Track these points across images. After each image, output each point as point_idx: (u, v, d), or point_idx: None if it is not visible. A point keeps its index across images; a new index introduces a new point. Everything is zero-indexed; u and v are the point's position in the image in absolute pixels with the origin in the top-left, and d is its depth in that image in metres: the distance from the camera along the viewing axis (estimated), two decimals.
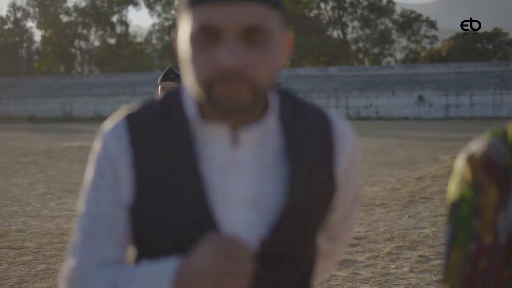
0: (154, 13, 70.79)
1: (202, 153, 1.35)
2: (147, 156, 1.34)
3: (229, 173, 1.35)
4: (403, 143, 24.60)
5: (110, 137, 1.37)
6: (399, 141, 25.89)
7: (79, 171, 16.39)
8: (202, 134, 1.35)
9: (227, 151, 1.35)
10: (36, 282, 6.44)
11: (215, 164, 1.35)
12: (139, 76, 61.33)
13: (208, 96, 1.26)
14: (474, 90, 48.94)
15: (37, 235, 8.74)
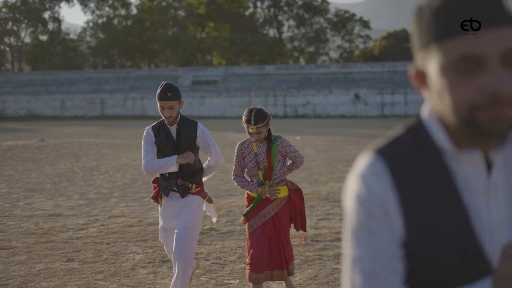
0: (87, 10, 69.63)
1: (461, 181, 1.38)
2: (410, 191, 1.37)
3: (489, 198, 1.38)
4: (349, 140, 25.10)
5: (372, 179, 1.37)
6: (344, 138, 26.41)
7: (36, 171, 16.14)
8: (457, 163, 1.38)
9: (483, 176, 1.38)
10: (41, 281, 6.41)
11: (475, 191, 1.38)
12: (74, 74, 60.32)
13: (471, 121, 1.27)
14: (408, 89, 50.24)
15: (20, 235, 8.63)
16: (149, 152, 5.59)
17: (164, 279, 6.46)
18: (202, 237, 8.33)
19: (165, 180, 5.64)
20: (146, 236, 8.44)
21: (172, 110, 5.48)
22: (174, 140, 5.58)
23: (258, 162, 5.65)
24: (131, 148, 22.82)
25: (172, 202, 5.64)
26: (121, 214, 10.08)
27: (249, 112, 5.59)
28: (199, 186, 5.66)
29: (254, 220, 5.65)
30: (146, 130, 5.66)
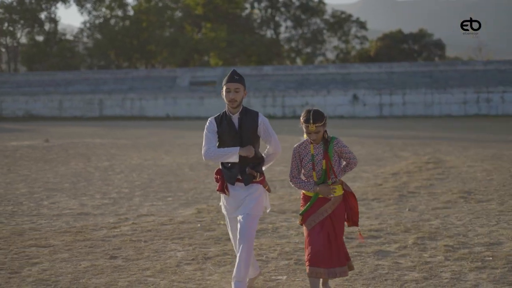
0: (84, 10, 69.56)
1: None
2: None
3: None
4: (354, 141, 25.25)
5: None
6: (348, 138, 26.55)
7: (51, 171, 16.21)
8: None
9: None
10: (91, 278, 6.51)
11: None
12: (71, 74, 60.25)
13: None
14: (406, 90, 50.45)
15: (55, 233, 8.72)
16: (211, 140, 5.83)
17: (212, 275, 6.58)
18: None
19: (228, 170, 5.85)
20: (182, 234, 8.55)
21: (237, 94, 5.73)
22: (236, 129, 5.80)
23: (314, 164, 5.79)
24: (138, 148, 22.89)
25: (235, 192, 5.85)
26: (150, 213, 10.18)
27: (307, 112, 5.73)
28: (262, 175, 5.85)
29: (313, 218, 5.78)
30: (209, 121, 5.91)
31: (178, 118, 51.15)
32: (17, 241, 8.24)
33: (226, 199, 5.95)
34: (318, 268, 5.70)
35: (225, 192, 5.89)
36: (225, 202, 5.99)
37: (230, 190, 5.88)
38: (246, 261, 5.69)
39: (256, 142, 5.88)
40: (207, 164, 17.53)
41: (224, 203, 6.02)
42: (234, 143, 5.79)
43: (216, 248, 7.73)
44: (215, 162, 5.96)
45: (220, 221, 9.32)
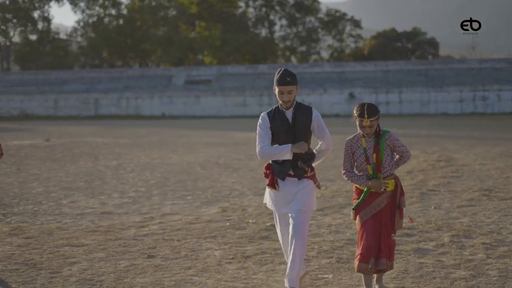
0: (77, 9, 69.19)
1: None
2: None
3: None
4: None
5: None
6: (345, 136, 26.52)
7: (61, 170, 16.09)
8: None
9: None
10: (135, 277, 6.44)
11: None
12: (66, 73, 59.94)
13: None
14: (402, 88, 50.53)
15: (83, 232, 8.63)
16: (264, 138, 5.77)
17: (257, 274, 6.52)
18: (269, 233, 8.39)
19: (279, 165, 5.80)
20: (213, 233, 8.48)
21: (290, 95, 5.71)
22: (289, 124, 5.76)
23: (368, 157, 5.74)
24: (142, 147, 22.78)
25: (285, 187, 5.79)
26: (174, 212, 10.10)
27: (361, 106, 5.69)
28: (312, 170, 5.80)
29: (365, 212, 5.74)
30: (262, 117, 5.86)
31: (174, 117, 50.99)
32: (48, 241, 8.15)
33: (276, 194, 5.89)
34: (368, 264, 5.65)
35: (275, 187, 5.83)
36: (274, 197, 5.91)
37: (280, 185, 5.83)
38: (299, 258, 5.66)
39: (308, 138, 5.85)
40: (218, 162, 17.47)
41: (272, 199, 5.95)
42: (287, 138, 5.74)
43: (252, 247, 7.67)
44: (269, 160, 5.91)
45: (249, 220, 9.26)
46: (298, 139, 5.74)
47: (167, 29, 67.58)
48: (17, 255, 7.44)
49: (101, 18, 69.43)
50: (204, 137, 28.14)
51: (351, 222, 8.99)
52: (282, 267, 6.71)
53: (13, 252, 7.56)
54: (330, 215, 9.58)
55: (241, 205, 10.57)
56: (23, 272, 6.68)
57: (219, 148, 21.87)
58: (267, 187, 5.94)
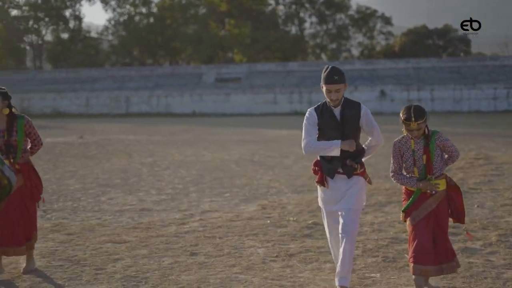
0: (108, 7, 69.65)
1: None
2: None
3: None
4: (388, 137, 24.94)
5: None
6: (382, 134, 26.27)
7: (96, 167, 16.15)
8: None
9: None
10: (180, 274, 6.39)
11: None
12: (97, 71, 60.33)
13: None
14: (434, 85, 50.03)
15: (124, 229, 8.62)
16: (311, 132, 5.65)
17: (302, 272, 6.43)
18: (311, 231, 8.30)
19: (328, 162, 5.69)
20: (254, 230, 8.41)
21: (338, 93, 5.58)
22: (338, 121, 5.63)
23: (415, 159, 5.62)
24: (175, 144, 22.79)
25: (335, 185, 5.68)
26: (213, 209, 10.05)
27: (408, 109, 5.56)
28: (362, 167, 5.68)
29: (416, 213, 5.62)
30: (309, 112, 5.73)
31: (204, 115, 51.04)
32: (90, 237, 8.14)
33: (325, 191, 5.78)
34: (424, 266, 5.54)
35: (324, 185, 5.73)
36: (323, 194, 5.81)
37: (329, 182, 5.72)
38: (349, 256, 5.57)
39: (357, 134, 5.72)
40: (252, 160, 17.40)
41: (321, 196, 5.86)
42: (335, 134, 5.62)
43: (295, 245, 7.58)
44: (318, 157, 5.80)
45: (289, 218, 9.17)
46: (347, 136, 5.61)
47: (197, 27, 67.70)
48: (60, 251, 7.44)
49: (131, 17, 69.78)
50: (235, 134, 28.09)
51: (393, 221, 8.86)
52: (328, 265, 6.62)
53: (56, 248, 7.57)
54: (371, 213, 9.45)
55: (280, 203, 10.48)
56: (68, 269, 6.67)
57: (251, 146, 21.80)
58: (316, 184, 5.83)
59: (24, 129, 6.58)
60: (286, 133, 28.23)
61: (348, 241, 5.54)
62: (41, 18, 70.29)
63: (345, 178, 5.67)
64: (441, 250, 5.59)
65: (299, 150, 19.71)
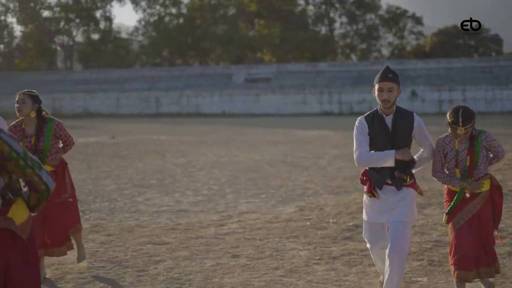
0: (138, 8, 70.01)
1: None
2: None
3: None
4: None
5: None
6: None
7: (129, 167, 16.19)
8: None
9: None
10: (223, 277, 6.33)
11: None
12: (127, 72, 60.69)
13: None
14: (466, 86, 49.48)
15: (163, 230, 8.59)
16: (362, 143, 5.40)
17: (347, 276, 6.33)
18: (351, 234, 8.19)
19: (377, 173, 5.43)
20: (294, 232, 8.33)
21: (390, 93, 5.29)
22: (389, 131, 5.36)
23: (458, 161, 5.47)
24: (206, 145, 22.77)
25: (384, 196, 5.42)
26: (250, 211, 9.99)
27: (455, 112, 5.37)
28: (412, 178, 5.49)
29: (460, 216, 5.47)
30: (359, 121, 5.47)
31: (234, 115, 51.03)
32: (129, 238, 8.13)
33: (371, 202, 5.49)
34: (466, 272, 5.39)
35: (374, 195, 5.47)
36: (371, 205, 5.51)
37: (379, 193, 5.43)
38: (399, 272, 5.24)
39: (409, 144, 5.43)
40: (285, 160, 17.31)
41: (368, 206, 5.55)
42: (386, 145, 5.35)
43: (337, 247, 7.48)
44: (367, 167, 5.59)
45: (329, 219, 9.07)
46: (398, 147, 5.34)
47: (227, 28, 67.79)
48: (101, 252, 7.43)
49: (161, 17, 70.07)
50: (266, 135, 28.02)
51: (435, 223, 8.73)
52: (373, 269, 6.51)
53: (97, 249, 7.56)
54: None
55: (318, 204, 10.38)
56: (110, 270, 6.65)
57: (283, 146, 21.70)
58: (365, 194, 5.62)
59: (53, 132, 6.57)
60: (317, 134, 28.08)
61: (397, 257, 5.22)
62: (72, 19, 70.88)
63: (395, 190, 5.41)
64: (483, 254, 5.45)
65: (332, 151, 19.61)
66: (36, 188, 3.38)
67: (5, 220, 3.33)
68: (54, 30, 71.91)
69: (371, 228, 5.62)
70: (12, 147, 3.32)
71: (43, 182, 3.36)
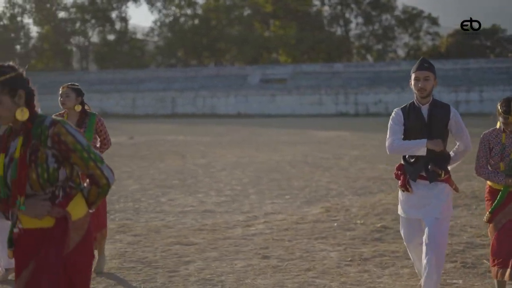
0: (154, 9, 70.14)
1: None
2: None
3: None
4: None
5: None
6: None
7: (151, 167, 16.19)
8: None
9: None
10: (255, 278, 6.28)
11: None
12: (142, 73, 60.85)
13: None
14: (483, 86, 49.19)
15: (190, 231, 8.55)
16: (396, 131, 5.39)
17: (381, 278, 6.26)
18: (381, 235, 8.12)
19: (411, 165, 5.41)
20: (322, 233, 8.26)
21: (426, 82, 5.29)
22: (425, 121, 5.34)
23: (504, 155, 5.38)
24: (225, 145, 22.75)
25: (418, 190, 5.39)
26: (276, 212, 9.93)
27: (506, 102, 5.30)
28: (447, 173, 5.42)
29: (502, 215, 5.36)
30: (395, 112, 5.48)
31: (249, 116, 50.97)
32: (157, 238, 8.10)
33: (406, 197, 5.47)
34: (506, 269, 5.30)
35: (408, 189, 5.47)
36: (405, 200, 5.49)
37: (414, 188, 5.43)
38: (437, 270, 5.19)
39: (445, 137, 5.40)
40: (306, 161, 17.24)
41: (402, 201, 5.53)
42: (421, 137, 5.31)
43: (367, 248, 7.41)
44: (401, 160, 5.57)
45: (356, 221, 9.00)
46: (434, 138, 5.33)
47: (242, 28, 67.77)
48: (130, 252, 7.40)
49: (177, 18, 70.14)
50: (284, 135, 27.96)
51: (464, 225, 8.65)
52: (406, 271, 6.44)
53: (126, 250, 7.53)
54: None
55: (344, 205, 10.31)
56: (141, 271, 6.61)
57: (302, 147, 21.63)
58: (399, 188, 5.59)
59: (95, 127, 6.59)
60: (334, 135, 27.99)
61: (435, 254, 5.17)
62: (87, 20, 71.16)
63: (429, 185, 5.37)
64: None
65: (351, 152, 19.52)
66: (97, 181, 3.39)
67: (64, 214, 3.34)
68: (70, 31, 72.20)
69: (407, 223, 5.61)
70: (77, 139, 3.33)
71: (104, 176, 3.39)
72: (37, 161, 3.29)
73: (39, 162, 3.29)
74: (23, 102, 3.36)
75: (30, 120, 3.36)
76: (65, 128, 3.32)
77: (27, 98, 3.39)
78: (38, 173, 3.29)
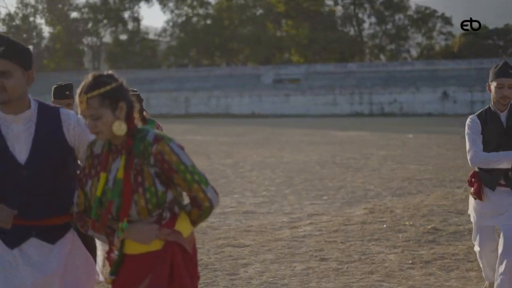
0: (166, 9, 70.02)
1: None
2: None
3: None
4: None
5: None
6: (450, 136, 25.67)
7: None
8: None
9: None
10: (319, 281, 6.14)
11: None
12: (155, 72, 60.84)
13: None
14: None
15: (238, 232, 8.43)
16: (477, 142, 5.17)
17: (448, 281, 6.11)
18: (434, 237, 7.97)
19: (489, 174, 5.21)
20: (374, 235, 8.12)
21: (511, 90, 5.09)
22: (504, 129, 5.15)
23: None
24: (247, 145, 22.63)
25: (496, 198, 5.21)
26: (319, 212, 9.79)
27: None
28: None
29: None
30: (471, 119, 5.25)
31: (263, 116, 50.83)
32: (206, 240, 7.98)
33: (481, 204, 5.29)
34: None
35: (480, 197, 5.25)
36: (479, 208, 5.31)
37: (489, 195, 5.23)
38: (511, 279, 4.94)
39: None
40: (335, 161, 17.09)
41: (476, 209, 5.35)
42: (500, 144, 5.13)
43: (425, 251, 7.25)
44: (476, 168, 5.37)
45: (405, 222, 8.84)
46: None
47: (254, 28, 67.63)
48: None
49: (189, 18, 70.07)
50: (303, 135, 27.81)
51: None
52: (472, 274, 6.29)
53: None
54: None
55: (387, 206, 10.15)
56: (200, 273, 6.47)
57: (326, 147, 21.47)
58: (471, 195, 5.41)
59: None
60: (354, 135, 27.82)
61: (510, 266, 4.92)
62: (100, 20, 71.16)
63: (508, 191, 5.17)
64: None
65: (378, 152, 19.34)
66: (199, 205, 3.18)
67: (174, 233, 3.13)
68: (82, 31, 72.24)
69: (481, 230, 5.45)
70: (181, 159, 3.12)
71: (207, 199, 3.17)
72: (145, 185, 3.07)
73: (147, 186, 3.07)
74: (123, 115, 3.12)
75: (130, 135, 3.14)
76: (169, 146, 3.10)
77: (128, 111, 3.16)
78: (147, 198, 3.08)
